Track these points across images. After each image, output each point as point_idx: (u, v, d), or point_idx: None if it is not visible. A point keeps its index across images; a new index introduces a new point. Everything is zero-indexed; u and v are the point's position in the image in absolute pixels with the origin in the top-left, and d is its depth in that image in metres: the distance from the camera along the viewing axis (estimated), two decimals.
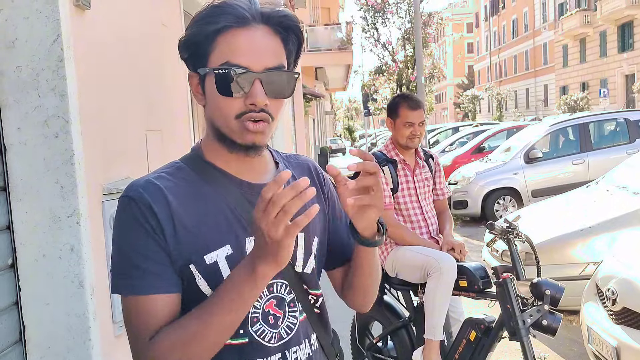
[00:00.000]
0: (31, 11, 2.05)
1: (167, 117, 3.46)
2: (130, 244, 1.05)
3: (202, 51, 1.09)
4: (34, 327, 2.14)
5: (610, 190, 5.39)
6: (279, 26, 1.10)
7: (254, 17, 1.07)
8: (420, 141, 3.26)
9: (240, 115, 1.06)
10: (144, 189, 1.08)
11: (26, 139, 2.08)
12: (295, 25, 1.12)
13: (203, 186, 1.12)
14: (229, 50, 1.05)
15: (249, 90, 1.05)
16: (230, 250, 1.10)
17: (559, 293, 2.64)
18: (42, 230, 2.11)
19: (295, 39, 1.13)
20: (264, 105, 1.05)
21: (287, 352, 1.15)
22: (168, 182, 1.10)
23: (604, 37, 35.51)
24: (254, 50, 1.06)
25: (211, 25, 1.06)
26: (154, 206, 1.05)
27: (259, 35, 1.07)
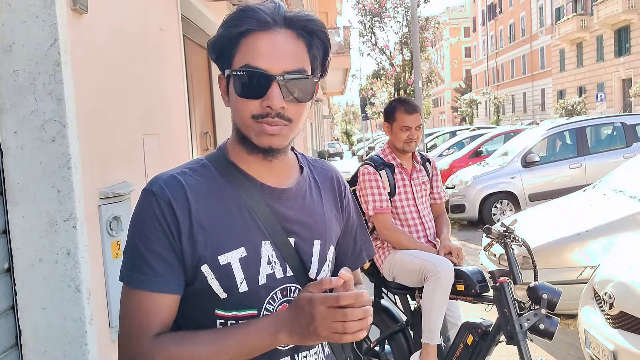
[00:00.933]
0: (28, 15, 2.05)
1: (165, 122, 3.46)
2: (145, 238, 1.07)
3: (227, 53, 1.11)
4: (30, 332, 2.13)
5: (607, 194, 5.40)
6: (303, 30, 1.10)
7: (277, 21, 1.08)
8: (417, 145, 3.27)
9: (258, 117, 1.08)
10: (166, 184, 1.09)
11: (23, 143, 2.08)
12: (320, 30, 1.12)
13: (224, 186, 1.14)
14: (250, 53, 1.07)
15: (267, 93, 1.06)
16: (244, 253, 1.11)
17: (556, 297, 2.65)
18: (39, 235, 2.10)
19: (320, 43, 1.13)
20: (280, 109, 1.06)
21: (296, 355, 1.15)
22: (190, 179, 1.12)
23: (600, 42, 35.62)
24: (274, 53, 1.07)
25: (235, 28, 1.08)
26: (173, 203, 1.07)
27: (281, 39, 1.08)
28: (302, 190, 1.21)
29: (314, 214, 1.21)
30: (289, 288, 1.16)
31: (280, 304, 1.14)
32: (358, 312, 0.93)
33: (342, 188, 1.32)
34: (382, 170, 3.19)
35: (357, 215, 1.37)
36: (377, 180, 3.15)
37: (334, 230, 1.26)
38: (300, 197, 1.20)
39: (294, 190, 1.19)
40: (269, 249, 1.13)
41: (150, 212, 1.08)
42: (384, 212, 3.13)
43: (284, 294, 1.15)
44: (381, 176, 3.17)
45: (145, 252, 1.07)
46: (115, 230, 2.50)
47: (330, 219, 1.26)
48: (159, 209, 1.07)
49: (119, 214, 2.52)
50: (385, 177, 3.19)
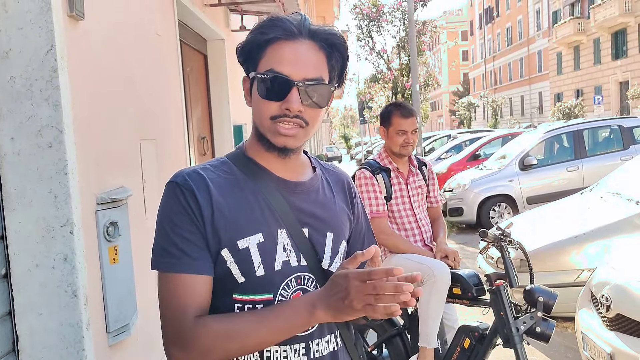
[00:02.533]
0: (25, 22, 2.07)
1: (162, 126, 3.47)
2: (173, 225, 1.15)
3: (254, 57, 1.20)
4: (27, 337, 2.14)
5: (604, 197, 5.41)
6: (325, 43, 1.20)
7: (301, 32, 1.18)
8: (414, 149, 3.27)
9: (275, 118, 1.17)
10: (189, 176, 1.18)
11: (20, 148, 2.08)
12: (341, 44, 1.22)
13: (243, 179, 1.23)
14: (275, 59, 1.17)
15: (287, 96, 1.15)
16: (262, 239, 1.18)
17: (551, 300, 2.65)
18: (36, 240, 2.11)
19: (339, 56, 1.22)
20: (297, 111, 1.16)
21: (310, 343, 1.21)
22: (211, 174, 1.21)
23: (597, 45, 35.72)
24: (296, 61, 1.16)
25: (263, 35, 1.18)
26: (196, 192, 1.16)
27: (304, 48, 1.17)
28: (315, 186, 1.30)
29: (327, 209, 1.29)
30: (303, 276, 1.23)
31: (294, 291, 1.21)
32: (388, 286, 0.97)
33: (352, 191, 1.41)
34: (378, 175, 3.20)
35: (365, 220, 1.44)
36: (373, 185, 3.16)
37: (345, 226, 1.33)
38: (313, 191, 1.29)
39: (307, 184, 1.29)
40: (284, 237, 1.21)
41: (176, 201, 1.16)
42: (380, 217, 3.14)
43: (298, 282, 1.22)
44: (377, 180, 3.18)
45: (176, 238, 1.14)
46: (112, 235, 2.50)
47: (342, 216, 1.33)
48: (183, 197, 1.16)
49: (116, 219, 2.53)
50: (382, 181, 3.20)
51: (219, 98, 5.53)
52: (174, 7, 3.86)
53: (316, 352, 1.22)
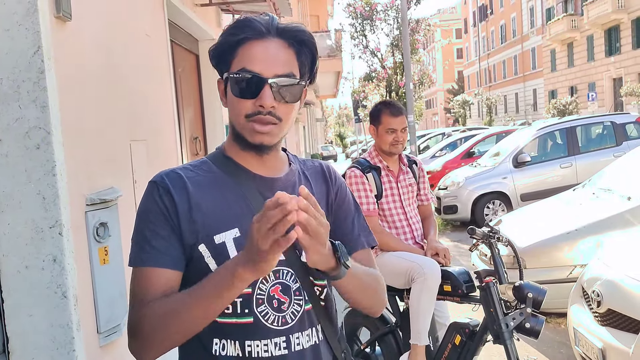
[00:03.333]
0: (11, 23, 2.06)
1: (152, 127, 3.47)
2: (146, 221, 1.20)
3: (226, 59, 1.24)
4: (18, 339, 2.14)
5: (596, 193, 5.43)
6: (293, 40, 1.24)
7: (270, 31, 1.22)
8: (404, 147, 3.28)
9: (250, 116, 1.20)
10: (167, 175, 1.24)
11: (7, 150, 2.08)
12: (308, 39, 1.26)
13: (221, 177, 1.27)
14: (246, 58, 1.20)
15: (259, 94, 1.18)
16: (238, 233, 1.21)
17: (541, 295, 2.66)
18: (25, 242, 2.11)
19: (308, 52, 1.26)
20: (271, 108, 1.19)
21: (290, 336, 1.23)
22: (190, 173, 1.26)
23: (591, 42, 35.81)
24: (267, 59, 1.20)
25: (234, 36, 1.22)
26: (172, 189, 1.20)
27: (273, 46, 1.21)
28: (291, 180, 1.32)
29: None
30: (282, 271, 1.24)
31: (272, 285, 1.23)
32: (276, 212, 0.95)
33: (332, 175, 1.41)
34: (368, 173, 3.21)
35: (356, 206, 1.43)
36: (363, 184, 3.17)
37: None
38: (290, 186, 1.30)
39: (284, 180, 1.31)
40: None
41: (151, 199, 1.21)
42: (370, 215, 3.14)
43: (276, 276, 1.23)
44: (368, 179, 3.19)
45: (148, 234, 1.19)
46: (102, 236, 2.50)
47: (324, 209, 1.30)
48: (158, 195, 1.21)
49: (105, 220, 2.53)
50: (372, 180, 3.20)
51: (211, 98, 5.52)
52: (164, 7, 3.85)
53: (297, 346, 1.23)
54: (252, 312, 1.20)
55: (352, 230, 1.38)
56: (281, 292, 1.23)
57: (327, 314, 1.32)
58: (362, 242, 1.39)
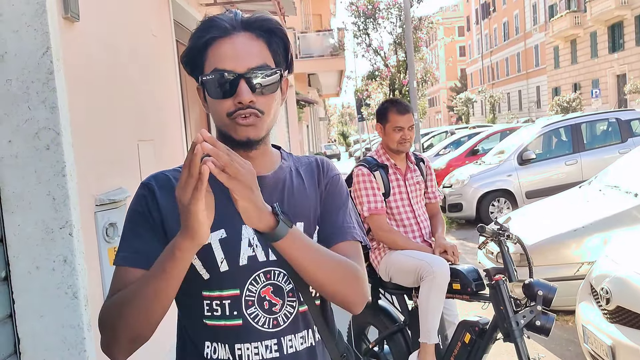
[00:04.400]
0: (20, 24, 2.07)
1: (159, 127, 3.47)
2: (130, 222, 1.21)
3: (198, 63, 1.21)
4: (29, 339, 2.14)
5: (602, 190, 5.42)
6: (260, 30, 1.21)
7: (235, 26, 1.20)
8: (411, 145, 3.28)
9: (232, 114, 1.17)
10: (155, 177, 1.24)
11: (17, 151, 2.08)
12: (276, 27, 1.23)
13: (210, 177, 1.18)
14: (216, 58, 1.18)
15: (236, 90, 1.15)
16: (224, 234, 1.19)
17: (551, 293, 2.65)
18: (35, 243, 2.11)
19: (278, 40, 1.23)
20: (249, 102, 1.16)
21: (282, 339, 1.20)
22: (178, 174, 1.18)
23: (594, 38, 35.72)
24: (237, 54, 1.17)
25: (200, 39, 1.19)
26: (157, 191, 1.21)
27: (241, 41, 1.19)
28: (281, 177, 1.29)
29: (295, 198, 1.27)
30: (273, 271, 1.21)
31: (263, 286, 1.20)
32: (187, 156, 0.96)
33: (324, 167, 1.37)
34: (376, 172, 3.20)
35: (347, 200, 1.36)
36: (371, 182, 3.16)
37: (314, 211, 1.30)
38: (280, 183, 1.28)
39: (272, 177, 1.27)
40: (249, 232, 1.20)
41: (136, 201, 1.22)
42: (378, 213, 3.14)
43: (267, 277, 1.21)
44: (375, 177, 3.18)
45: (130, 235, 1.20)
46: (112, 236, 2.51)
47: (315, 203, 1.30)
48: (142, 196, 1.21)
49: (115, 220, 2.53)
50: (380, 178, 3.20)
51: None
52: (170, 8, 3.86)
53: (289, 348, 1.21)
54: (241, 314, 1.18)
55: (336, 220, 1.30)
56: (272, 294, 1.20)
57: (323, 315, 1.29)
58: (346, 233, 1.30)
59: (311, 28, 23.36)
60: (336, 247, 1.27)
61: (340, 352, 1.33)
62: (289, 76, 1.32)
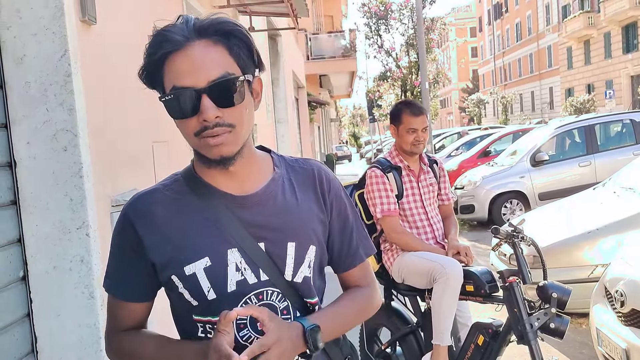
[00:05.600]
0: (39, 28, 2.10)
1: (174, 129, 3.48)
2: (114, 253, 1.23)
3: (156, 80, 1.12)
4: (46, 339, 2.17)
5: (617, 192, 5.38)
6: (218, 35, 1.10)
7: (188, 36, 1.09)
8: (425, 147, 3.27)
9: (199, 133, 1.09)
10: (132, 206, 1.20)
11: (35, 153, 2.11)
12: (234, 28, 1.11)
13: (191, 199, 1.19)
14: (172, 75, 1.08)
15: (200, 108, 1.06)
16: (209, 262, 1.15)
17: (565, 295, 2.64)
18: (53, 243, 2.14)
19: (239, 42, 1.12)
20: (216, 118, 1.07)
21: None
22: (161, 195, 1.20)
23: (608, 39, 35.41)
24: (194, 68, 1.07)
25: (153, 56, 1.09)
26: (135, 223, 1.17)
27: (197, 51, 1.08)
28: (270, 193, 1.21)
29: (286, 216, 1.21)
30: (265, 292, 1.18)
31: None
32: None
33: (324, 184, 1.29)
34: (389, 173, 3.20)
35: (352, 212, 1.34)
36: (384, 183, 3.16)
37: (315, 229, 1.25)
38: (269, 199, 1.20)
39: (259, 194, 1.20)
40: (236, 257, 1.16)
41: (117, 232, 1.22)
42: (391, 215, 3.14)
43: (259, 298, 1.18)
44: (388, 179, 3.18)
45: (118, 264, 1.22)
46: None
47: (310, 218, 1.24)
48: (123, 229, 1.20)
49: None
50: (393, 180, 3.20)
51: None
52: (184, 10, 3.89)
53: None
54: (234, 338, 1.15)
55: (350, 243, 1.30)
56: None
57: None
58: (361, 255, 1.33)
59: (323, 29, 23.39)
60: (350, 273, 1.34)
61: (345, 355, 1.32)
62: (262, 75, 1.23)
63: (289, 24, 8.75)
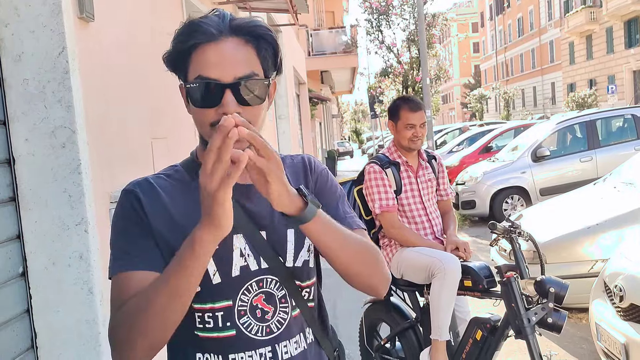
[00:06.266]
0: (37, 25, 2.10)
1: (173, 125, 3.50)
2: (121, 230, 1.15)
3: (181, 66, 1.15)
4: (45, 334, 2.18)
5: (617, 187, 5.38)
6: (250, 36, 1.13)
7: (222, 31, 1.11)
8: (423, 142, 3.28)
9: (215, 124, 1.07)
10: (138, 184, 1.18)
11: (34, 149, 2.12)
12: (266, 33, 1.15)
13: (194, 186, 1.15)
14: (200, 65, 1.10)
15: (221, 101, 1.09)
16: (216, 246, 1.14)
17: (563, 290, 2.65)
18: (52, 239, 2.15)
19: (268, 45, 1.15)
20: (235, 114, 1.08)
21: (277, 346, 1.18)
22: (163, 182, 1.20)
23: (610, 34, 35.31)
24: (223, 62, 1.10)
25: (184, 43, 1.12)
26: (142, 198, 1.15)
27: (229, 47, 1.11)
28: None
29: None
30: (265, 279, 1.19)
31: (256, 294, 1.18)
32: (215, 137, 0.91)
33: (312, 168, 1.33)
34: (387, 169, 3.21)
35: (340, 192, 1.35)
36: (382, 179, 3.17)
37: None
38: None
39: None
40: (241, 242, 1.17)
41: (122, 207, 1.17)
42: (390, 211, 3.15)
43: (260, 285, 1.19)
44: (387, 174, 3.19)
45: (121, 243, 1.14)
46: None
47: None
48: (129, 203, 1.15)
49: None
50: (391, 176, 3.20)
51: None
52: (183, 6, 3.89)
53: (284, 354, 1.19)
54: (234, 325, 1.16)
55: (337, 213, 1.28)
56: (265, 302, 1.18)
57: (318, 315, 1.29)
58: (351, 222, 1.31)
59: (324, 25, 23.36)
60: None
61: (334, 347, 1.33)
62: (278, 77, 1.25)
63: (289, 20, 8.74)
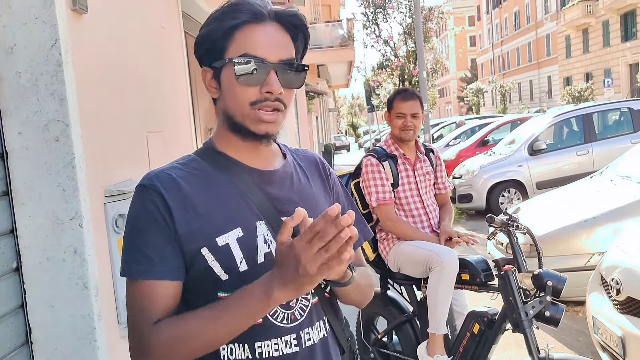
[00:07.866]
0: (29, 17, 2.07)
1: (168, 119, 3.48)
2: (139, 230, 1.12)
3: (219, 46, 1.16)
4: (40, 330, 2.16)
5: (614, 180, 5.38)
6: (289, 24, 1.18)
7: (269, 14, 1.16)
8: (416, 134, 3.25)
9: (255, 103, 1.14)
10: (157, 177, 1.15)
11: (27, 143, 2.10)
12: (303, 24, 1.21)
13: (214, 174, 1.19)
14: (247, 43, 1.14)
15: (265, 80, 1.13)
16: (241, 233, 1.15)
17: (560, 284, 2.64)
18: (46, 234, 2.13)
19: (302, 36, 1.22)
20: (279, 94, 1.14)
21: (301, 332, 1.19)
22: (181, 172, 1.18)
23: (606, 27, 35.32)
24: (270, 43, 1.14)
25: (229, 21, 1.15)
26: (164, 193, 1.12)
27: (274, 30, 1.16)
28: (288, 172, 1.28)
29: (304, 194, 1.27)
30: None
31: None
32: (330, 230, 0.92)
33: (327, 170, 1.38)
34: (385, 162, 3.20)
35: (347, 198, 1.42)
36: (379, 172, 3.16)
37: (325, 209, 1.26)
38: (287, 178, 1.26)
39: (281, 172, 1.26)
40: (264, 229, 1.18)
41: (142, 204, 1.13)
42: (387, 204, 3.14)
43: None
44: (384, 167, 3.18)
45: (141, 243, 1.11)
46: (121, 227, 2.52)
47: (322, 199, 1.31)
48: (150, 200, 1.12)
49: (124, 211, 2.54)
50: (388, 168, 3.19)
51: None
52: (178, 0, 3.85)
53: (307, 341, 1.20)
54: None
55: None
56: None
57: (332, 305, 1.30)
58: (360, 238, 1.36)
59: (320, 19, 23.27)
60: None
61: (347, 336, 1.36)
62: None
63: None
